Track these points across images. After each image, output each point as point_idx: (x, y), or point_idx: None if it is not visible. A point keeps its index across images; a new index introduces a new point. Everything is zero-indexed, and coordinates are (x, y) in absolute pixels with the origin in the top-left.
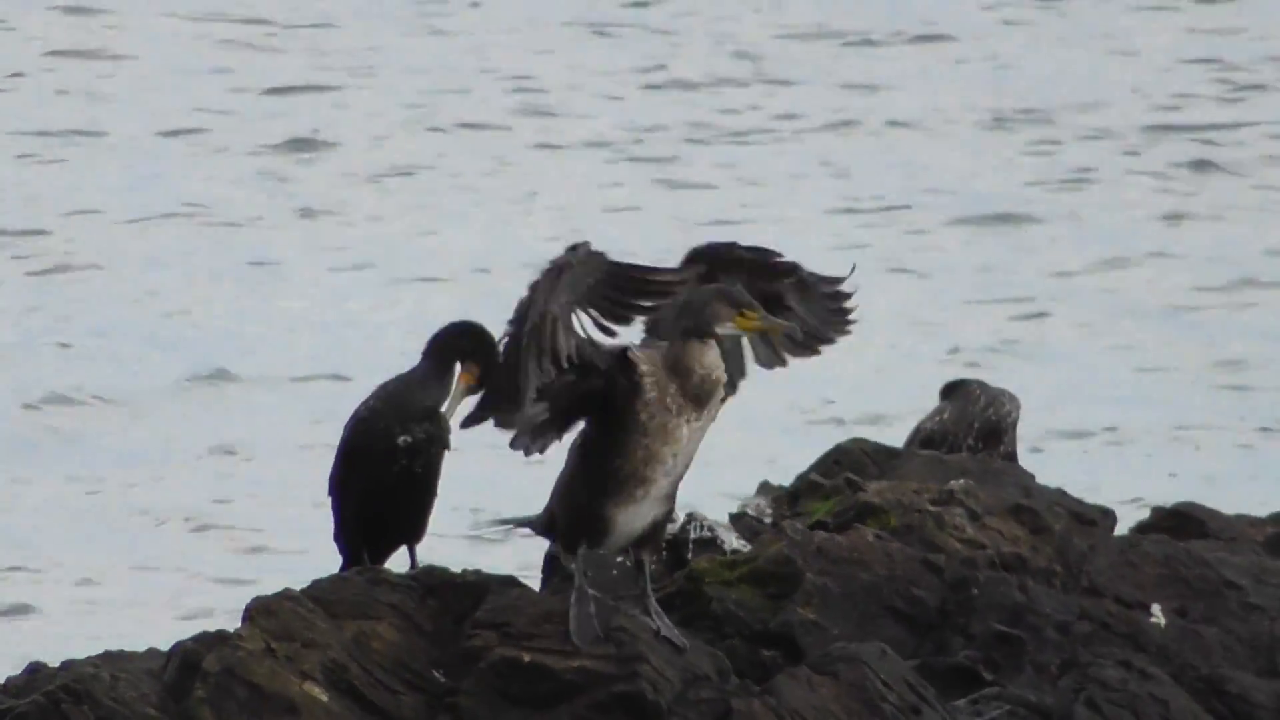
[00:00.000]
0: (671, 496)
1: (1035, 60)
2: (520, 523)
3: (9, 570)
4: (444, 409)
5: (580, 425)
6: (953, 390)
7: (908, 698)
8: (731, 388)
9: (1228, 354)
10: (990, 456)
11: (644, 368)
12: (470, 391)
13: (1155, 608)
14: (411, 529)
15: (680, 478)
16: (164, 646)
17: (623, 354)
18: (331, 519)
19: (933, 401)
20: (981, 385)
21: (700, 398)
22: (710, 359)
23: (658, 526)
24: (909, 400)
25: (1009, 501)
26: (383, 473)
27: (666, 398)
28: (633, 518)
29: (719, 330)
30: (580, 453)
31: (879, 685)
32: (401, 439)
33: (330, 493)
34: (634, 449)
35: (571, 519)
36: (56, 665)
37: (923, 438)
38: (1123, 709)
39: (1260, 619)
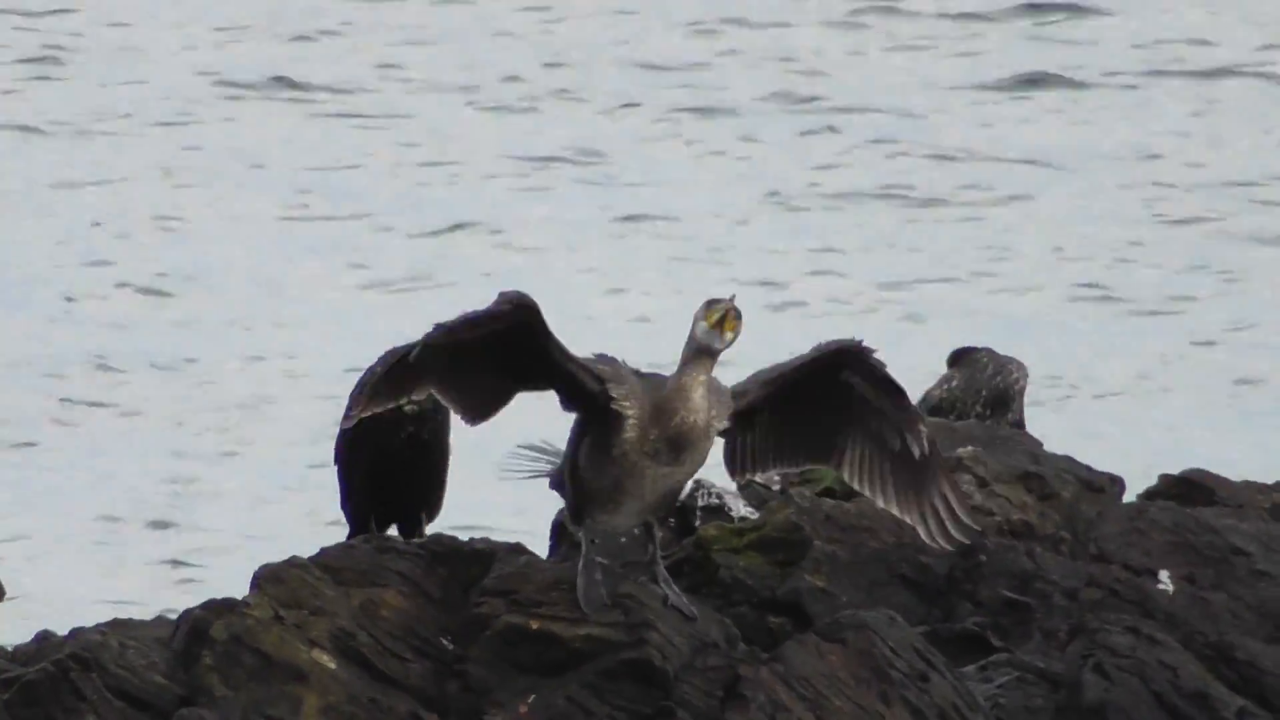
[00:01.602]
0: (660, 507)
1: None
2: (544, 464)
3: None
4: None
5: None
6: (960, 358)
7: (916, 665)
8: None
9: None
10: (998, 424)
11: (629, 411)
12: None
13: (1163, 574)
14: (422, 496)
15: (663, 503)
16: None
17: (607, 397)
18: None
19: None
20: (990, 353)
21: (678, 441)
22: (696, 401)
23: (668, 503)
24: None
25: (1017, 468)
26: (390, 439)
27: (645, 444)
28: (616, 522)
29: (705, 341)
30: (571, 443)
31: (887, 652)
32: (408, 406)
33: (336, 460)
34: (605, 474)
35: (567, 502)
36: (64, 633)
37: (931, 405)
38: (1131, 675)
39: (1268, 586)
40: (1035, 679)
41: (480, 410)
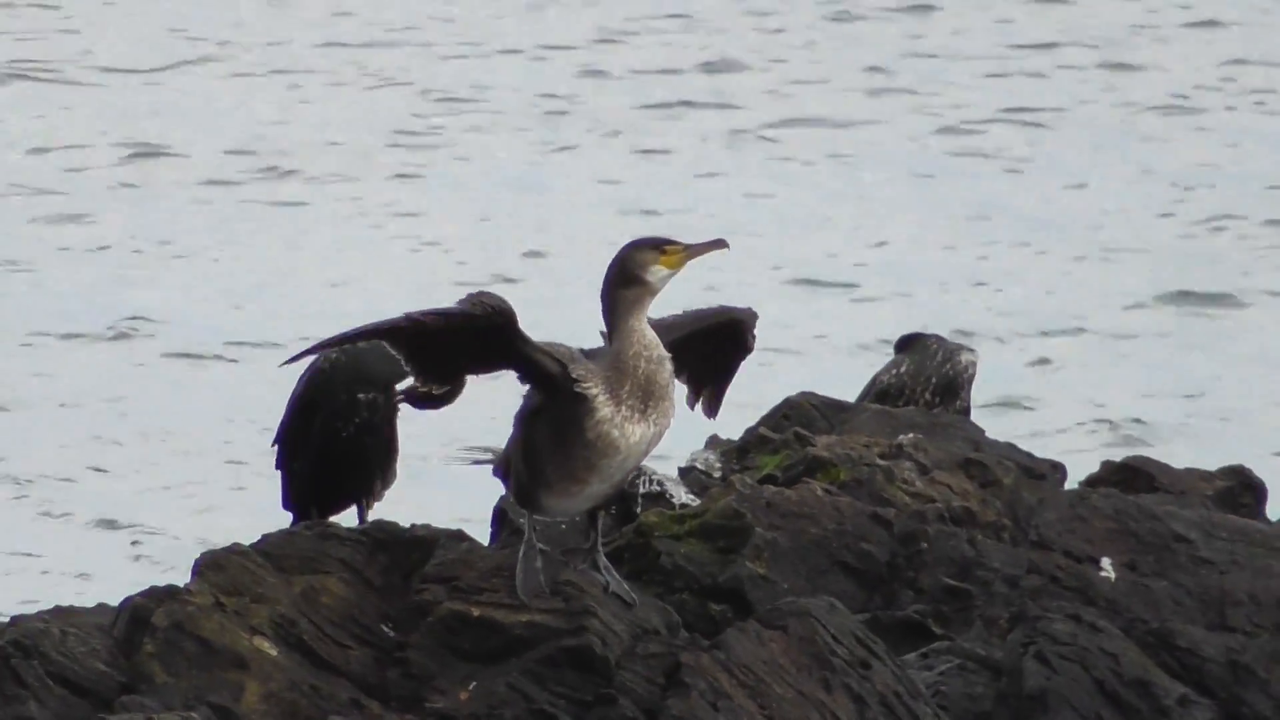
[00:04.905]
0: (618, 489)
1: None
2: (489, 456)
3: None
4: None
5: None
6: (909, 344)
7: (857, 652)
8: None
9: None
10: (947, 411)
11: (594, 391)
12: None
13: (1105, 561)
14: (365, 485)
15: (622, 484)
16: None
17: (570, 380)
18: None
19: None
20: (939, 339)
21: (649, 389)
22: (650, 337)
23: (609, 499)
24: None
25: (958, 455)
26: (343, 424)
27: (623, 407)
28: (569, 507)
29: (650, 279)
30: (523, 432)
31: (828, 639)
32: (360, 395)
33: (277, 440)
34: (573, 455)
35: (515, 487)
36: (5, 620)
37: (879, 391)
38: (1072, 663)
39: (1210, 573)
40: (976, 666)
41: (436, 375)
